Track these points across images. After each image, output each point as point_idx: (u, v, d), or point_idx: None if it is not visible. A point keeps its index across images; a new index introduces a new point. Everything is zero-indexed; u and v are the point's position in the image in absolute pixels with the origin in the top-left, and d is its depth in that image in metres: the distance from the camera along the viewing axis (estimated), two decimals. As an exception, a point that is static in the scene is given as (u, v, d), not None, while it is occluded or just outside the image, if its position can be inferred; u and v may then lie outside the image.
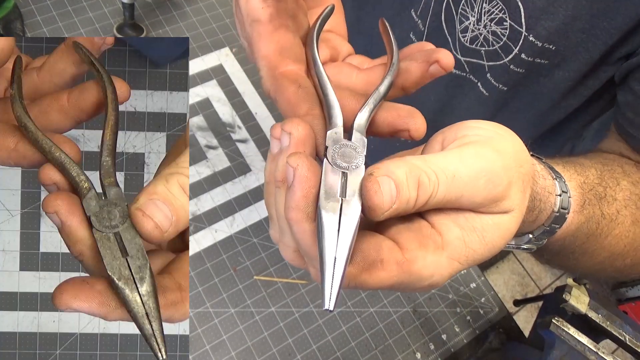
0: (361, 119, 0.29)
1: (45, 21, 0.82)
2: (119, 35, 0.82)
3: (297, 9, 0.33)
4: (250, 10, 0.31)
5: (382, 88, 0.31)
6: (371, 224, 0.29)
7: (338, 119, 0.29)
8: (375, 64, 0.35)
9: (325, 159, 0.27)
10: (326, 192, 0.26)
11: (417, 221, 0.29)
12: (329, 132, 0.28)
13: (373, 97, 0.30)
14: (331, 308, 0.24)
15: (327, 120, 0.29)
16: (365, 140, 0.29)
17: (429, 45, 0.34)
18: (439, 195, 0.26)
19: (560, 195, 0.38)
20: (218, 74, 0.84)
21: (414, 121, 0.31)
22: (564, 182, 0.39)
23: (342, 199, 0.26)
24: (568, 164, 0.44)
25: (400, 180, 0.25)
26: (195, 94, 0.82)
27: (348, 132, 0.30)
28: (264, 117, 0.82)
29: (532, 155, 0.39)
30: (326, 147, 0.27)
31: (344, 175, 0.27)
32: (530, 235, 0.40)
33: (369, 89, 0.33)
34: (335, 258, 0.25)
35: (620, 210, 0.45)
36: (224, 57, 0.86)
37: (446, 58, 0.31)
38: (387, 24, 0.35)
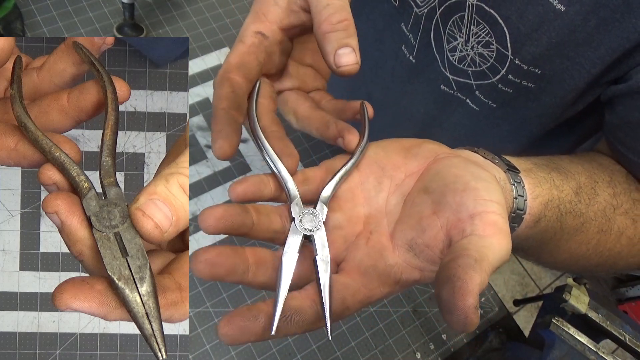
0: (326, 193, 0.35)
1: (45, 21, 0.82)
2: (119, 35, 0.82)
3: (276, 52, 0.38)
4: (242, 33, 0.37)
5: (344, 170, 0.36)
6: (337, 263, 0.35)
7: (295, 191, 0.34)
8: (334, 102, 0.42)
9: (292, 223, 0.34)
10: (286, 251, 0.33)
11: (384, 261, 0.33)
12: (292, 204, 0.34)
13: (337, 177, 0.36)
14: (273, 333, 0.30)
15: (287, 195, 0.35)
16: (326, 209, 0.35)
17: (358, 111, 0.40)
18: None
19: (516, 199, 0.39)
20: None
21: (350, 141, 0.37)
22: (523, 187, 0.41)
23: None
24: (553, 172, 0.45)
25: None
26: (195, 94, 0.82)
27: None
28: (264, 117, 0.82)
29: (498, 158, 0.40)
30: (293, 218, 0.34)
31: (309, 236, 0.33)
32: None
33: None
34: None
35: (586, 222, 0.46)
36: (224, 57, 0.86)
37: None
38: (366, 108, 0.40)
